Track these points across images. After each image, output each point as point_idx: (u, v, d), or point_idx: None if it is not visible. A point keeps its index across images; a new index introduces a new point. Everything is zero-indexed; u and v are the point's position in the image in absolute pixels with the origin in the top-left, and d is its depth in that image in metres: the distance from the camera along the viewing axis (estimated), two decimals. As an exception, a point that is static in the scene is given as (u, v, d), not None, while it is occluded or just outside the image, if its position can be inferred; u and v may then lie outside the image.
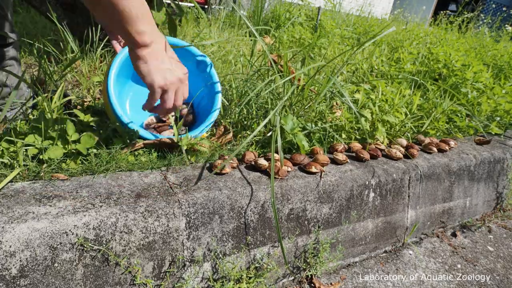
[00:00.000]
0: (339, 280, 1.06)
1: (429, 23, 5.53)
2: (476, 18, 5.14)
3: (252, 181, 0.92)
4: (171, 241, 0.78)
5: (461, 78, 1.88)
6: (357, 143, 1.25)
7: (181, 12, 1.95)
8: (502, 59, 2.63)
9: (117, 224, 0.71)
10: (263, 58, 1.47)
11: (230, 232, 0.87)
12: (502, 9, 7.98)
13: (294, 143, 1.12)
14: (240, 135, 1.14)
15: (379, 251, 1.22)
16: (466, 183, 1.45)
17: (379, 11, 6.92)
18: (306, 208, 0.98)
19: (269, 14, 3.16)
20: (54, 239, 0.64)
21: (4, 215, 0.63)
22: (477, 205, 1.55)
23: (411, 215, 1.28)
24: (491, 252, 1.36)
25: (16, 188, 0.72)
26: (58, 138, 0.84)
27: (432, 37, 3.06)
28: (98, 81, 1.34)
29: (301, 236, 1.00)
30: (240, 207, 0.87)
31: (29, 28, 1.84)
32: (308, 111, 1.26)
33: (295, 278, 1.02)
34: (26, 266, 0.62)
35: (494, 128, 1.75)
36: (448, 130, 1.64)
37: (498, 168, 1.58)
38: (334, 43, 2.57)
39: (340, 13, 3.89)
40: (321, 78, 1.49)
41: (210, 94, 1.12)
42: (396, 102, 1.38)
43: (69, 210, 0.68)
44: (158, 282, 0.78)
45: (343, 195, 1.06)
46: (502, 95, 1.81)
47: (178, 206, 0.79)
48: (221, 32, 2.34)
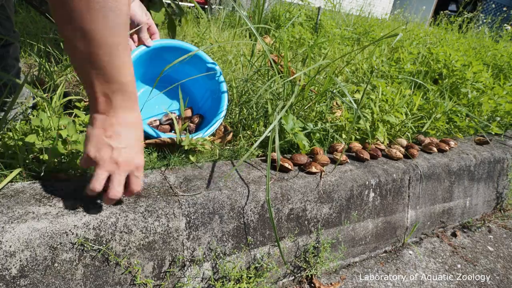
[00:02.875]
0: (339, 280, 1.06)
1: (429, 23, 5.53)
2: (476, 18, 5.15)
3: (252, 181, 0.92)
4: (171, 241, 0.78)
5: (461, 78, 1.88)
6: (357, 143, 1.25)
7: (181, 12, 1.95)
8: (502, 59, 2.63)
9: (117, 224, 0.71)
10: (263, 58, 1.47)
11: (230, 232, 0.87)
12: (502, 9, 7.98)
13: (294, 143, 1.12)
14: (240, 135, 1.14)
15: (379, 251, 1.22)
16: (466, 183, 1.45)
17: (379, 11, 6.92)
18: (306, 208, 0.98)
19: (269, 14, 3.17)
20: (54, 239, 0.64)
21: (4, 215, 0.63)
22: (477, 205, 1.55)
23: (411, 215, 1.28)
24: (491, 252, 1.36)
25: (16, 188, 0.72)
26: (58, 138, 0.84)
27: (432, 37, 3.06)
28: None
29: (301, 236, 1.00)
30: (240, 207, 0.87)
31: (29, 28, 1.84)
32: (308, 111, 1.26)
33: (295, 278, 1.02)
34: (26, 266, 0.62)
35: (494, 128, 1.75)
36: (448, 130, 1.64)
37: (498, 168, 1.58)
38: (334, 43, 2.57)
39: (340, 13, 3.89)
40: (321, 78, 1.49)
41: (216, 97, 1.12)
42: (396, 102, 1.38)
43: (69, 210, 0.68)
44: (158, 282, 0.78)
45: (343, 195, 1.06)
46: (503, 95, 1.81)
47: (178, 206, 0.79)
48: (221, 32, 2.34)
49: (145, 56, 0.98)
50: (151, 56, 1.01)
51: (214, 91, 1.12)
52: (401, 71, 1.96)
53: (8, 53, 0.96)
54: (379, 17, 4.96)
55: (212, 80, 1.12)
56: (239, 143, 1.10)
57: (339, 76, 1.80)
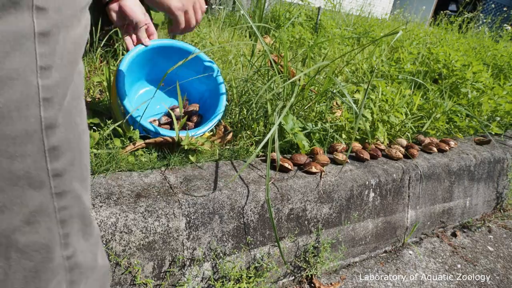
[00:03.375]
0: (339, 280, 1.06)
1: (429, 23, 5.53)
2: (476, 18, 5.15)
3: (252, 181, 0.92)
4: (171, 241, 0.78)
5: (461, 78, 1.88)
6: (357, 143, 1.25)
7: (181, 12, 1.94)
8: (502, 59, 2.63)
9: (117, 224, 0.71)
10: (264, 58, 1.47)
11: (230, 232, 0.87)
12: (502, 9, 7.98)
13: (294, 143, 1.12)
14: (240, 135, 1.14)
15: (379, 251, 1.22)
16: (466, 183, 1.45)
17: (379, 11, 6.92)
18: (306, 208, 0.98)
19: (269, 14, 3.17)
20: (54, 239, 0.64)
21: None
22: (477, 205, 1.55)
23: (411, 215, 1.28)
24: (491, 252, 1.36)
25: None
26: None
27: (432, 37, 3.06)
28: (98, 81, 1.34)
29: (301, 236, 1.00)
30: (240, 207, 0.87)
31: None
32: (308, 111, 1.26)
33: (295, 278, 1.02)
34: (26, 266, 0.62)
35: (494, 128, 1.75)
36: (448, 130, 1.64)
37: (498, 168, 1.58)
38: (334, 43, 2.57)
39: (340, 13, 3.89)
40: (321, 78, 1.49)
41: (215, 96, 1.12)
42: (396, 102, 1.38)
43: (69, 210, 0.68)
44: (158, 282, 0.78)
45: (343, 195, 1.06)
46: (502, 95, 1.81)
47: (178, 206, 0.79)
48: (221, 32, 2.34)
49: (142, 56, 0.98)
50: (149, 57, 1.01)
51: (213, 90, 1.12)
52: (401, 71, 1.96)
53: None
54: (379, 17, 4.96)
55: (210, 79, 1.12)
56: (239, 143, 1.10)
57: (339, 76, 1.80)
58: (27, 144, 0.31)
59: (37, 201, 0.33)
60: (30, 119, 0.30)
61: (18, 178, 0.31)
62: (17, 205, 0.32)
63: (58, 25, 0.31)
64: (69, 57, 0.33)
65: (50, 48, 0.31)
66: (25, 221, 0.33)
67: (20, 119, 0.30)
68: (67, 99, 0.34)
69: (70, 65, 0.34)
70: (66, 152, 0.35)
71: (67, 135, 0.34)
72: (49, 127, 0.32)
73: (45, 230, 0.35)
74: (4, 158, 0.30)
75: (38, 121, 0.31)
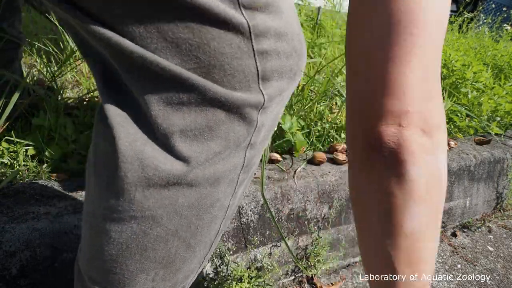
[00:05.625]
0: (339, 280, 1.07)
1: (429, 23, 5.51)
2: (477, 18, 5.15)
3: (251, 181, 0.92)
4: (171, 241, 0.78)
5: (461, 78, 1.88)
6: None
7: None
8: (502, 59, 2.63)
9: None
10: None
11: (230, 232, 0.87)
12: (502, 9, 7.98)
13: (295, 143, 1.12)
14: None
15: (379, 251, 1.22)
16: (466, 183, 1.45)
17: (379, 11, 6.91)
18: (306, 208, 0.99)
19: (269, 14, 3.16)
20: (54, 239, 0.64)
21: (4, 215, 0.63)
22: (477, 205, 1.55)
23: (411, 215, 1.28)
24: (491, 252, 1.36)
25: (16, 188, 0.72)
26: (58, 138, 0.84)
27: (432, 37, 3.05)
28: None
29: (301, 236, 1.00)
30: (240, 207, 0.87)
31: (29, 28, 1.84)
32: (308, 111, 1.26)
33: (296, 278, 1.02)
34: (26, 266, 0.62)
35: (494, 128, 1.75)
36: (448, 130, 1.64)
37: (498, 168, 1.58)
38: (334, 43, 2.57)
39: (340, 13, 3.89)
40: (321, 78, 1.49)
41: None
42: (396, 102, 1.38)
43: (69, 210, 0.68)
44: (158, 282, 0.78)
45: (343, 195, 1.06)
46: (502, 95, 1.81)
47: (178, 206, 0.78)
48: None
49: None
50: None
51: None
52: (401, 71, 1.96)
53: (17, 56, 0.97)
54: (379, 17, 4.94)
55: None
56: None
57: (339, 76, 1.80)
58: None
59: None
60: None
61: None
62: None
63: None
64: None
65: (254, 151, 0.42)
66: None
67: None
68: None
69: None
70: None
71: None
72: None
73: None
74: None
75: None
